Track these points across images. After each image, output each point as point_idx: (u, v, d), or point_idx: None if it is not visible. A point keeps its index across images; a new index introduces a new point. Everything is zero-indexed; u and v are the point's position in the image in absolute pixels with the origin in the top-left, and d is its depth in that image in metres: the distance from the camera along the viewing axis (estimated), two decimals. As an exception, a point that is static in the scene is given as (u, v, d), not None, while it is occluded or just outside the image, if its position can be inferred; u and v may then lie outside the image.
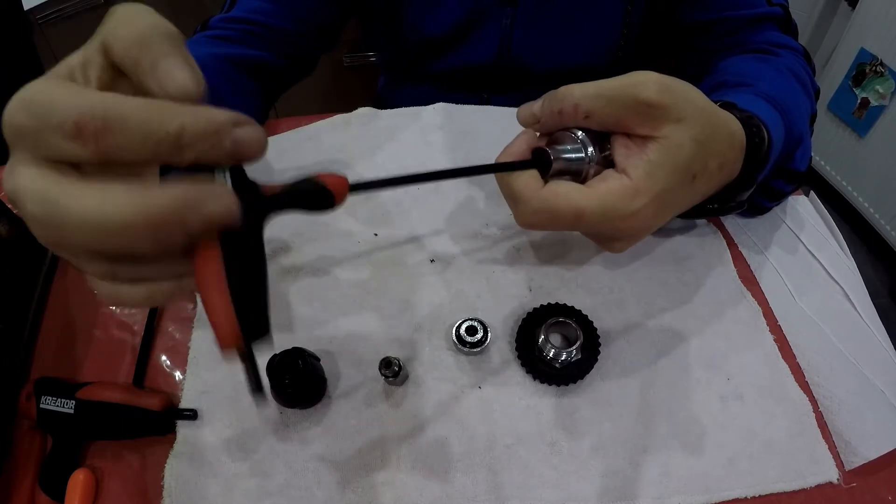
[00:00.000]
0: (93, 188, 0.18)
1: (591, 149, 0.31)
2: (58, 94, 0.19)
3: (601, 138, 0.32)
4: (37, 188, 0.19)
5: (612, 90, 0.30)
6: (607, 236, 0.34)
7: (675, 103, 0.29)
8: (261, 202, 0.21)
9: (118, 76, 0.22)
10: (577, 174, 0.32)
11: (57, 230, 0.19)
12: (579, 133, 0.31)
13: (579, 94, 0.30)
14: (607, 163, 0.31)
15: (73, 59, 0.22)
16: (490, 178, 0.36)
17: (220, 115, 0.19)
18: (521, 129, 0.35)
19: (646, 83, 0.29)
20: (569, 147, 0.31)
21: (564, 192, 0.30)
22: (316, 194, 0.22)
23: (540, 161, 0.32)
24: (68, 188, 0.18)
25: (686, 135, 0.29)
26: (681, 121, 0.29)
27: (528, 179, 0.32)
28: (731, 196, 0.37)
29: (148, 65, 0.20)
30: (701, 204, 0.36)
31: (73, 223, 0.18)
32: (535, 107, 0.33)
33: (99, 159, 0.18)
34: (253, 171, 0.21)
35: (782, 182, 0.44)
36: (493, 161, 0.34)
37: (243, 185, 0.21)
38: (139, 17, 0.21)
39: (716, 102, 0.34)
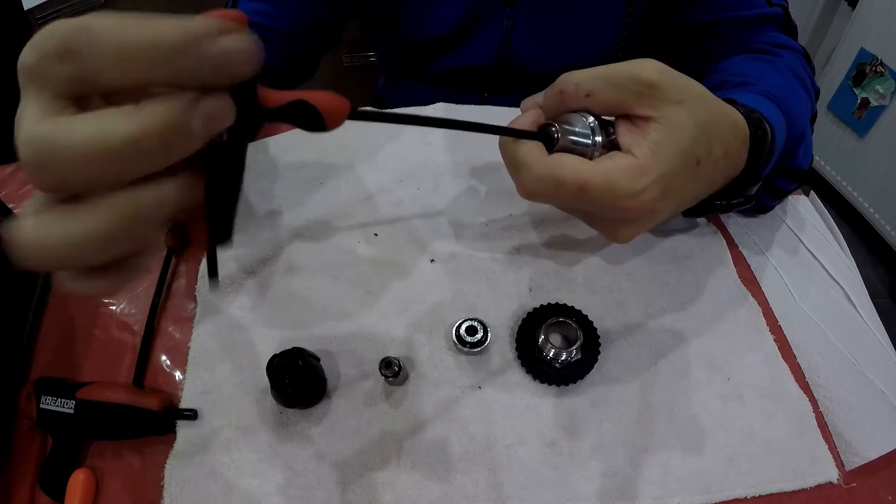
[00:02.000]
0: (86, 116, 0.18)
1: (598, 130, 0.31)
2: (57, 24, 0.18)
3: (606, 125, 0.32)
4: (31, 128, 0.18)
5: (612, 70, 0.30)
6: (612, 219, 0.33)
7: (674, 84, 0.30)
8: (255, 113, 0.21)
9: None
10: (582, 156, 0.31)
11: (54, 167, 0.17)
12: (589, 116, 0.31)
13: (580, 75, 0.31)
14: (612, 146, 0.31)
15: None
16: (491, 176, 0.36)
17: (200, 23, 0.18)
18: None
19: (645, 64, 0.30)
20: (577, 128, 0.31)
21: (570, 163, 0.30)
22: (308, 116, 0.22)
23: (546, 136, 0.32)
24: (61, 123, 0.17)
25: (686, 116, 0.30)
26: (681, 102, 0.30)
27: (532, 147, 0.32)
28: (737, 191, 0.37)
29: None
30: (708, 199, 0.36)
31: (70, 154, 0.17)
32: (537, 96, 0.34)
33: (90, 84, 0.18)
34: (253, 170, 0.21)
35: (785, 180, 0.44)
36: (499, 169, 0.34)
37: (243, 93, 0.20)
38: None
39: None
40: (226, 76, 0.19)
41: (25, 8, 1.05)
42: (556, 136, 0.31)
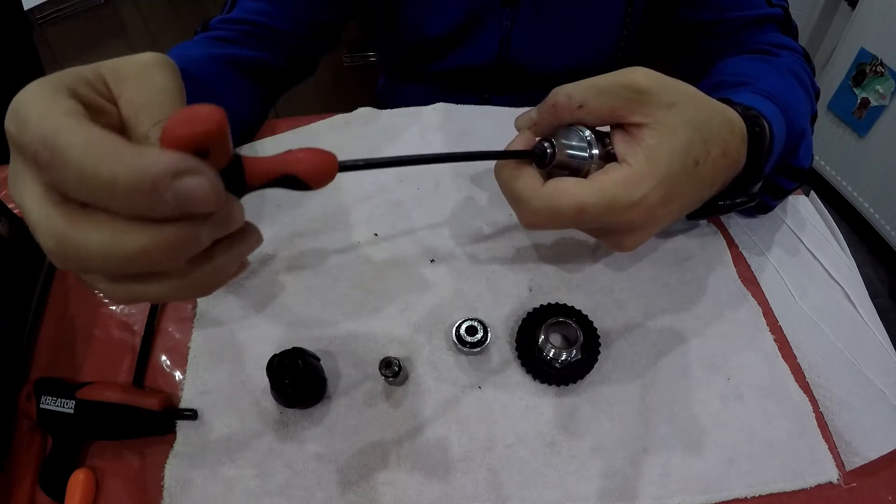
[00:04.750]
0: (99, 224, 0.18)
1: (594, 143, 0.31)
2: (33, 111, 0.18)
3: (602, 137, 0.32)
4: (45, 222, 0.19)
5: (602, 80, 0.31)
6: (614, 231, 0.33)
7: (664, 88, 0.30)
8: (240, 188, 0.21)
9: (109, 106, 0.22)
10: (579, 171, 0.31)
11: (75, 263, 0.19)
12: (585, 129, 0.31)
13: (571, 87, 0.31)
14: (610, 157, 0.31)
15: (79, 73, 0.21)
16: (491, 178, 0.36)
17: (156, 166, 0.17)
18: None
19: (635, 72, 0.30)
20: (574, 142, 0.31)
21: (564, 188, 0.30)
22: (295, 184, 0.23)
23: (541, 153, 0.32)
24: (75, 222, 0.18)
25: (679, 118, 0.30)
26: (672, 105, 0.30)
27: (527, 179, 0.32)
28: (739, 190, 0.37)
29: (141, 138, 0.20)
30: (711, 200, 0.36)
31: (90, 257, 0.18)
32: (531, 111, 0.34)
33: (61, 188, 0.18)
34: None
35: (786, 179, 0.44)
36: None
37: (231, 175, 0.20)
38: (153, 79, 0.21)
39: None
40: (185, 213, 0.19)
41: (25, 8, 1.05)
42: (548, 151, 0.31)
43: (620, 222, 0.31)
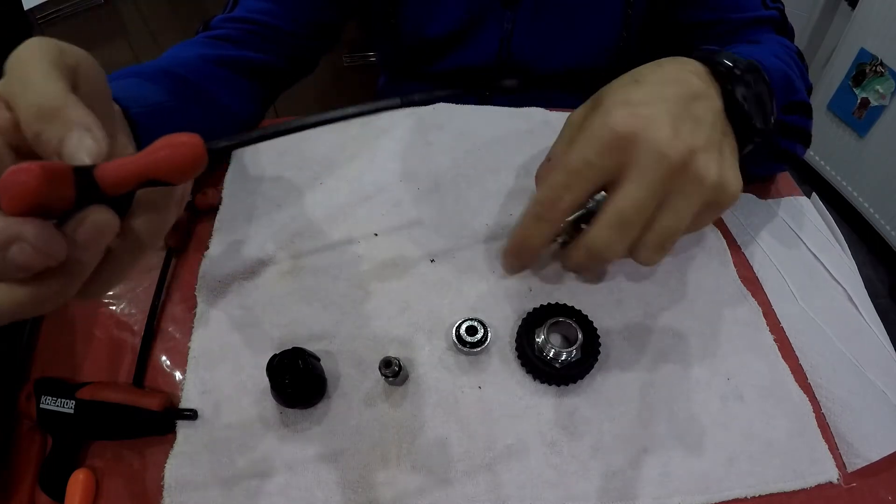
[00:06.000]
0: None
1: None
2: None
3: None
4: None
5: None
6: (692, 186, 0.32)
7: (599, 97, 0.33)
8: (98, 201, 0.20)
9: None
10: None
11: None
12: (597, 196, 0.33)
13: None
14: None
15: None
16: (491, 178, 0.36)
17: None
18: (520, 129, 0.35)
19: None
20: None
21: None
22: (165, 184, 0.20)
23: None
24: None
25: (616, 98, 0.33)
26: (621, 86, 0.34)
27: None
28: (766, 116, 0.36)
29: (53, 142, 0.20)
30: (746, 128, 0.35)
31: None
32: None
33: None
34: (253, 170, 0.21)
35: (798, 116, 0.44)
36: (499, 169, 0.34)
37: (83, 183, 0.19)
38: (38, 72, 0.21)
39: None
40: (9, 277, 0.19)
41: (25, 8, 1.05)
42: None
43: (666, 164, 0.31)
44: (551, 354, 0.38)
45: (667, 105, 0.31)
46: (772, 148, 0.45)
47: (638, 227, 0.32)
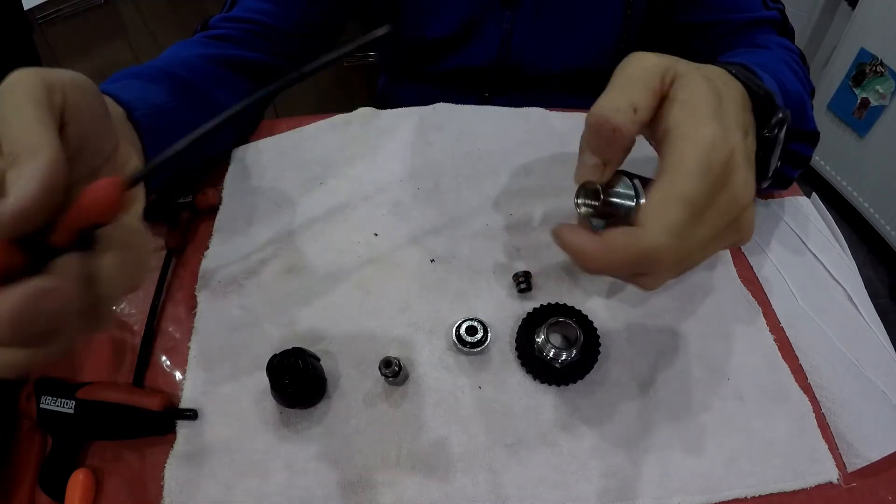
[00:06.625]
0: None
1: (641, 192, 0.30)
2: None
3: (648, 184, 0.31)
4: None
5: (623, 77, 0.33)
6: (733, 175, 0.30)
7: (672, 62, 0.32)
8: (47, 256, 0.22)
9: None
10: (627, 217, 0.30)
11: None
12: (633, 178, 0.31)
13: (609, 102, 0.32)
14: None
15: None
16: (491, 178, 0.36)
17: None
18: (520, 129, 0.35)
19: (635, 56, 0.33)
20: (620, 189, 0.31)
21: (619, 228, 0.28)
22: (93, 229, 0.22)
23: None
24: None
25: (699, 72, 0.32)
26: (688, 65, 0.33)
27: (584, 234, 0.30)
28: (769, 116, 0.35)
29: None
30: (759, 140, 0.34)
31: None
32: (584, 158, 0.32)
33: None
34: (254, 170, 0.21)
35: (801, 144, 0.44)
36: (499, 169, 0.33)
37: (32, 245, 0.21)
38: (20, 120, 0.21)
39: None
40: None
41: (25, 8, 1.05)
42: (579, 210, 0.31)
43: (713, 160, 0.28)
44: (551, 354, 0.38)
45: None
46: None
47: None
